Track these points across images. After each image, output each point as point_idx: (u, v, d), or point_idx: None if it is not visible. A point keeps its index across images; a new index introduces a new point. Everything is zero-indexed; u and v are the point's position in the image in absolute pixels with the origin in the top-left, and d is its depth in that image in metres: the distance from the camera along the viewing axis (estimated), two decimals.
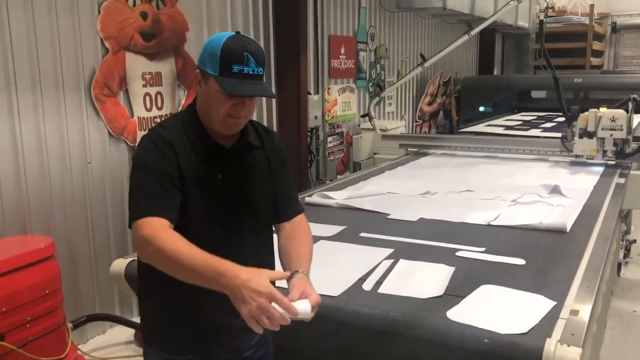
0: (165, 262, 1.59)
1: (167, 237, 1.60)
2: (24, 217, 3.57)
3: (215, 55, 1.70)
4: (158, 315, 1.88)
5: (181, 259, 1.56)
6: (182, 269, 1.57)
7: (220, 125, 1.77)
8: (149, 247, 1.60)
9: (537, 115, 8.28)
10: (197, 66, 1.77)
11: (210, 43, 1.74)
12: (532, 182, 4.20)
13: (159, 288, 1.79)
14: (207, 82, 1.73)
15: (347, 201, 3.70)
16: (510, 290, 2.25)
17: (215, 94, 1.72)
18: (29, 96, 3.56)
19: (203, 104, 1.79)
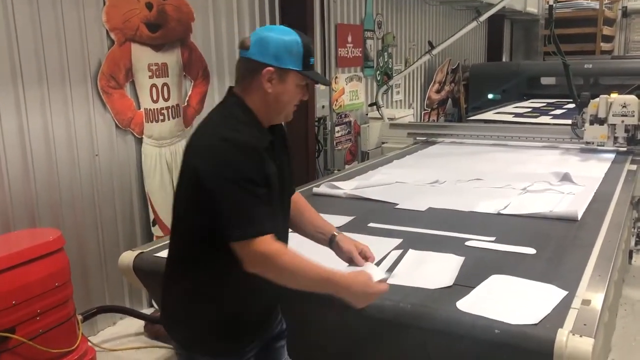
0: (288, 276, 1.74)
1: (290, 255, 1.74)
2: (32, 210, 3.58)
3: (297, 52, 1.77)
4: (216, 318, 1.84)
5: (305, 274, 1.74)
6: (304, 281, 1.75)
7: (284, 117, 1.87)
8: (273, 262, 1.70)
9: (547, 102, 8.19)
10: (268, 64, 1.76)
11: (281, 40, 1.77)
12: (542, 170, 4.16)
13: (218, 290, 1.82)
14: (285, 77, 1.78)
15: (355, 191, 3.68)
16: (521, 280, 2.23)
17: (294, 88, 1.80)
18: (35, 90, 3.55)
19: (273, 100, 1.80)
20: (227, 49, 5.05)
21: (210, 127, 1.82)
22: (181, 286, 1.87)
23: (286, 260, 1.72)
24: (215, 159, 1.70)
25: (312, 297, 2.16)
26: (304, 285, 1.76)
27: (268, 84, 1.77)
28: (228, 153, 1.70)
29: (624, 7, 14.18)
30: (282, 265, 1.71)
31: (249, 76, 1.80)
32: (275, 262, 1.70)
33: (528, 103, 8.26)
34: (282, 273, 1.73)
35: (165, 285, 1.95)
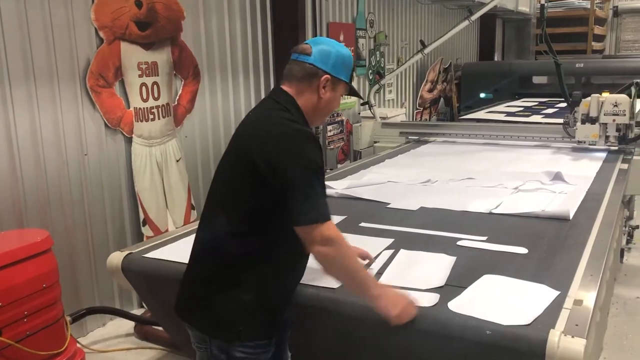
0: (346, 264, 1.85)
1: (346, 242, 1.86)
2: (20, 210, 3.54)
3: (349, 67, 2.02)
4: (259, 305, 1.90)
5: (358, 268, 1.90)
6: (353, 275, 1.88)
7: (322, 121, 2.16)
8: (338, 247, 1.82)
9: (539, 101, 8.20)
10: (327, 72, 1.95)
11: (341, 54, 1.99)
12: (534, 169, 4.15)
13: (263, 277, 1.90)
14: (337, 86, 2.00)
15: (347, 191, 3.65)
16: (513, 280, 2.22)
17: (339, 97, 2.03)
18: (22, 88, 3.51)
19: (323, 105, 2.00)
20: (217, 48, 5.02)
21: (276, 118, 1.92)
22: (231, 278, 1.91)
23: (349, 248, 1.88)
24: (292, 147, 1.82)
25: (301, 297, 2.17)
26: (352, 277, 1.88)
27: (323, 89, 1.96)
28: (303, 142, 1.83)
29: (615, 6, 14.27)
30: (346, 251, 1.85)
31: (307, 79, 1.97)
32: (342, 246, 1.83)
33: (520, 102, 8.27)
34: (343, 259, 1.84)
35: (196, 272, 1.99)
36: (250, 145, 1.88)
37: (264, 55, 5.64)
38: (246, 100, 5.46)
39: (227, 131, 5.19)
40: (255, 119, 1.99)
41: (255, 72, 5.56)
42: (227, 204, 1.93)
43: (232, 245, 1.89)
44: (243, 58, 5.36)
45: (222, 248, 1.91)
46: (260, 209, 1.87)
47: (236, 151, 1.96)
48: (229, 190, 1.95)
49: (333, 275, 1.90)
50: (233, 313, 1.89)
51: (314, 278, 2.24)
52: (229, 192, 1.94)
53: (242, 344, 1.89)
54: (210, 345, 1.93)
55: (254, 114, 2.04)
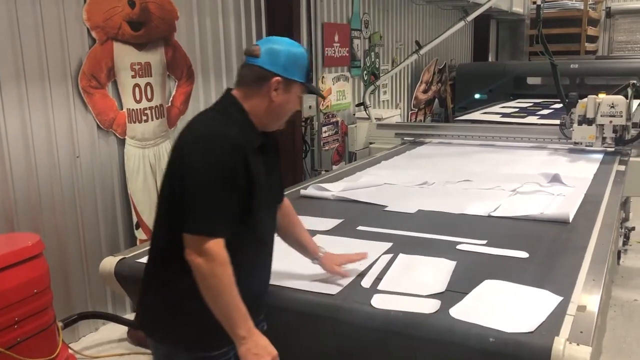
0: (215, 285, 1.71)
1: (230, 273, 1.72)
2: (10, 214, 3.47)
3: (303, 65, 1.91)
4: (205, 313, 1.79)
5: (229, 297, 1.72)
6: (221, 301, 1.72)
7: (279, 125, 1.97)
8: (214, 265, 1.70)
9: (534, 102, 8.19)
10: (277, 74, 1.85)
11: (290, 53, 1.88)
12: (531, 171, 4.12)
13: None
14: (290, 88, 1.89)
15: (343, 193, 3.61)
16: (515, 286, 2.18)
17: (295, 98, 1.92)
18: (13, 89, 3.45)
19: (276, 108, 1.89)
20: (211, 48, 4.96)
21: (203, 121, 1.87)
22: (167, 284, 1.86)
23: (227, 273, 1.72)
24: (200, 150, 1.74)
25: (299, 304, 2.12)
26: (220, 304, 1.73)
27: (274, 92, 1.86)
28: (215, 146, 1.74)
29: (608, 7, 14.30)
30: (222, 274, 1.71)
31: (256, 83, 1.87)
32: (218, 268, 1.70)
33: (515, 103, 8.26)
34: (215, 279, 1.71)
35: (148, 284, 1.95)
36: (173, 150, 1.86)
37: None
38: None
39: None
40: (190, 121, 1.91)
41: None
42: (165, 209, 1.88)
43: (170, 254, 1.83)
44: (237, 59, 5.30)
45: (161, 258, 1.91)
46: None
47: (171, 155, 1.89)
48: (163, 195, 1.90)
49: (203, 293, 1.73)
50: (176, 320, 1.86)
51: (311, 284, 2.21)
52: (165, 197, 1.89)
53: (187, 351, 1.86)
54: (159, 352, 1.94)
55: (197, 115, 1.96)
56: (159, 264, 1.92)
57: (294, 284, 2.22)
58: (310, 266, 2.31)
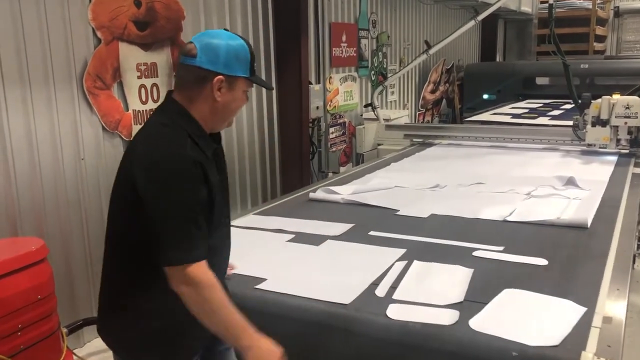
0: (208, 308, 1.68)
1: (220, 290, 1.70)
2: (14, 218, 3.40)
3: (246, 59, 1.78)
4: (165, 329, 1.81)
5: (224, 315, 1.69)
6: (217, 320, 1.69)
7: (225, 124, 1.87)
8: (203, 290, 1.66)
9: (543, 102, 8.09)
10: (219, 72, 1.74)
11: (230, 47, 1.75)
12: (545, 173, 4.03)
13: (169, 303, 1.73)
14: (234, 85, 1.78)
15: (353, 196, 3.53)
16: (536, 295, 2.09)
17: (240, 95, 1.82)
18: (17, 91, 3.37)
19: (221, 108, 1.79)
20: None
21: (152, 139, 1.74)
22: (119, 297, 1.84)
23: (216, 293, 1.69)
24: (164, 178, 1.65)
25: (314, 319, 2.04)
26: (217, 323, 1.71)
27: (218, 92, 1.76)
28: (173, 171, 1.66)
29: (616, 7, 14.16)
30: (210, 296, 1.68)
31: (197, 85, 1.76)
32: (205, 291, 1.67)
33: (524, 104, 8.16)
34: (205, 303, 1.68)
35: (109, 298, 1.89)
36: (125, 164, 1.77)
37: (266, 55, 5.52)
38: (247, 103, 5.33)
39: (228, 134, 5.06)
40: (141, 134, 1.80)
41: (257, 73, 5.42)
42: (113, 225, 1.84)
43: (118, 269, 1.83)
44: None
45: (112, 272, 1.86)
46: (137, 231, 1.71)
47: (120, 169, 1.81)
48: (113, 210, 1.85)
49: (198, 317, 1.70)
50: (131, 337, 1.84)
51: (324, 293, 2.13)
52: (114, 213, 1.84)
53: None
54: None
55: (142, 127, 1.84)
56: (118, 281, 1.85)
57: (303, 292, 2.14)
58: (320, 273, 2.23)
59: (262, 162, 5.60)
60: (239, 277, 2.32)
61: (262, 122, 5.56)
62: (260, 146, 5.55)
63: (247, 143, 5.36)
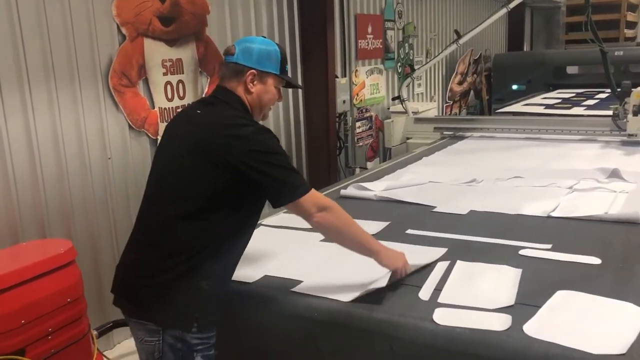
0: (342, 223, 1.99)
1: (341, 210, 2.01)
2: (42, 219, 3.35)
3: (276, 59, 2.09)
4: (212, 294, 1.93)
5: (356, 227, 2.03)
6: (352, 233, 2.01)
7: (263, 116, 2.15)
8: (332, 209, 1.97)
9: (575, 92, 7.84)
10: (252, 67, 2.04)
11: (264, 49, 2.07)
12: (586, 166, 3.85)
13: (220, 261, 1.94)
14: (265, 79, 2.08)
15: (386, 193, 3.40)
16: (592, 297, 1.95)
17: (272, 89, 2.10)
18: (42, 90, 3.33)
19: (256, 100, 2.08)
20: None
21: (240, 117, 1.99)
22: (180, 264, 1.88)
23: (342, 210, 2.00)
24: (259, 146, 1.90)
25: (353, 324, 1.93)
26: (351, 236, 2.01)
27: (251, 84, 2.05)
28: (264, 138, 1.95)
29: None
30: (340, 213, 1.99)
31: (235, 77, 2.06)
32: (335, 210, 1.97)
33: (555, 94, 7.91)
34: (339, 220, 1.98)
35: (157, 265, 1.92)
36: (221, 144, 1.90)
37: (291, 49, 5.41)
38: None
39: None
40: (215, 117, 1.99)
41: None
42: (184, 195, 1.93)
43: (188, 234, 1.90)
44: None
45: (177, 238, 1.91)
46: (224, 200, 1.91)
47: (199, 146, 1.93)
48: (188, 181, 1.93)
49: (335, 239, 2.02)
50: (190, 301, 1.89)
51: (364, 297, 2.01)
52: (188, 184, 1.93)
53: (198, 331, 1.89)
54: (164, 336, 1.90)
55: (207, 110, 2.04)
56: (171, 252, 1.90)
57: (342, 296, 2.03)
58: (358, 275, 2.12)
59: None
60: (273, 279, 2.22)
61: (288, 117, 5.46)
62: (286, 141, 5.45)
63: None
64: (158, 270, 1.90)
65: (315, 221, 1.94)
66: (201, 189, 1.91)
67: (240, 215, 1.96)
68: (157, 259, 1.92)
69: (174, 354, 1.90)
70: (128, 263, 2.05)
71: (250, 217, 2.03)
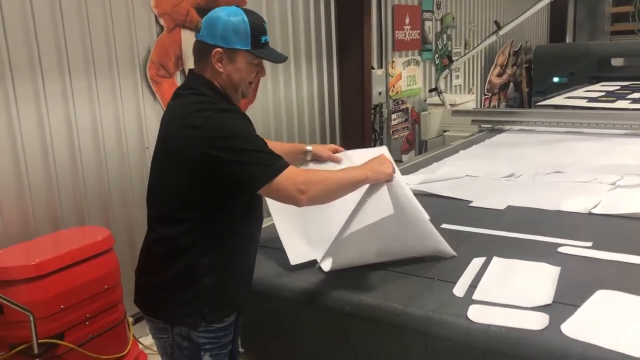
0: (328, 188, 1.83)
1: (317, 173, 1.95)
2: (81, 207, 3.43)
3: (245, 32, 1.82)
4: (216, 289, 1.87)
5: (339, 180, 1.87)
6: (336, 189, 1.86)
7: (241, 95, 1.92)
8: (309, 183, 1.78)
9: (620, 85, 7.58)
10: (217, 45, 1.82)
11: (229, 22, 1.81)
12: (631, 161, 3.72)
13: (220, 257, 1.86)
14: (234, 57, 1.84)
15: (422, 186, 3.36)
16: (635, 298, 1.88)
17: (245, 67, 1.86)
18: (82, 79, 3.39)
19: (225, 79, 1.86)
20: (280, 32, 4.80)
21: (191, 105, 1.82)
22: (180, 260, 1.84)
23: (317, 176, 1.87)
24: (212, 127, 1.74)
25: (385, 319, 1.91)
26: (339, 190, 1.87)
27: (218, 63, 1.84)
28: (223, 120, 1.77)
29: None
30: (321, 179, 1.83)
31: (203, 58, 1.86)
32: (315, 179, 1.81)
33: (599, 86, 7.67)
34: (325, 183, 1.82)
35: (156, 264, 1.90)
36: (180, 136, 1.78)
37: (327, 40, 5.38)
38: (309, 89, 5.23)
39: (290, 121, 4.98)
40: (176, 108, 1.87)
41: (318, 58, 5.31)
42: (160, 196, 1.89)
43: (175, 234, 1.83)
44: (306, 43, 5.12)
45: (167, 238, 1.86)
46: (212, 194, 1.80)
47: (169, 144, 1.85)
48: (161, 182, 1.89)
49: (329, 201, 1.89)
50: (196, 298, 1.85)
51: (396, 293, 1.99)
52: (162, 185, 1.88)
53: (205, 329, 1.86)
54: (172, 333, 1.88)
55: (174, 102, 1.92)
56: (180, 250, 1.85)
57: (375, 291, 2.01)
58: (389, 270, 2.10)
59: None
60: (295, 269, 2.22)
61: (323, 108, 5.44)
62: (321, 132, 5.44)
63: (307, 129, 5.26)
64: (159, 270, 1.89)
65: (303, 203, 1.79)
66: (172, 189, 1.83)
67: (226, 209, 1.84)
68: (156, 258, 1.91)
69: (181, 352, 1.88)
70: (138, 261, 2.04)
71: (242, 209, 1.88)
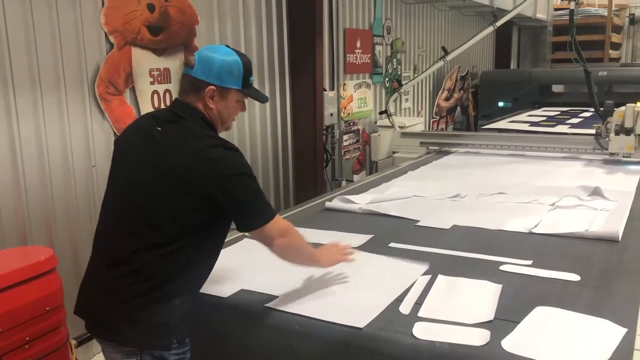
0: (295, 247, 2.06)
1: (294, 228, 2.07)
2: (23, 226, 3.32)
3: (238, 73, 1.97)
4: (186, 309, 1.93)
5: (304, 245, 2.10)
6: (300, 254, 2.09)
7: (226, 128, 2.08)
8: (290, 234, 2.01)
9: (560, 110, 7.94)
10: (211, 83, 1.94)
11: (225, 62, 1.95)
12: (569, 183, 3.89)
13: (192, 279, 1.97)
14: (226, 95, 1.98)
15: (371, 206, 3.42)
16: (570, 314, 1.97)
17: (234, 104, 2.02)
18: (27, 96, 3.30)
19: (216, 115, 2.00)
20: None
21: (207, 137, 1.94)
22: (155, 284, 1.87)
23: (296, 233, 2.06)
24: (229, 164, 1.89)
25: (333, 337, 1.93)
26: (301, 256, 2.10)
27: (210, 100, 1.96)
28: (236, 157, 1.92)
29: (632, 14, 14.05)
30: (295, 237, 2.04)
31: (194, 92, 1.96)
32: (292, 236, 2.03)
33: (541, 111, 8.01)
34: (293, 246, 2.04)
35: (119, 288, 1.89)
36: (195, 168, 1.85)
37: (280, 61, 5.43)
38: (261, 109, 5.25)
39: (241, 141, 4.98)
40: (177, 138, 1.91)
41: (271, 79, 5.35)
42: (157, 222, 1.88)
43: (154, 259, 1.87)
44: (259, 64, 5.15)
45: (143, 264, 1.87)
46: (198, 224, 1.90)
47: (163, 169, 1.88)
48: (152, 209, 1.89)
49: (289, 259, 2.06)
50: (167, 319, 1.88)
51: (340, 315, 2.01)
52: (153, 211, 1.89)
53: (176, 349, 1.89)
54: (142, 356, 1.89)
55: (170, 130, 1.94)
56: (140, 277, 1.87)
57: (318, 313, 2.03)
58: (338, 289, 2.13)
59: (275, 170, 5.51)
60: (248, 294, 2.21)
61: (275, 129, 5.47)
62: (273, 153, 5.46)
63: (260, 150, 5.27)
64: (127, 294, 1.87)
65: (277, 247, 1.97)
66: (165, 215, 1.86)
67: (207, 236, 1.94)
68: (124, 283, 1.88)
69: None
70: (92, 284, 2.02)
71: (219, 236, 2.03)
